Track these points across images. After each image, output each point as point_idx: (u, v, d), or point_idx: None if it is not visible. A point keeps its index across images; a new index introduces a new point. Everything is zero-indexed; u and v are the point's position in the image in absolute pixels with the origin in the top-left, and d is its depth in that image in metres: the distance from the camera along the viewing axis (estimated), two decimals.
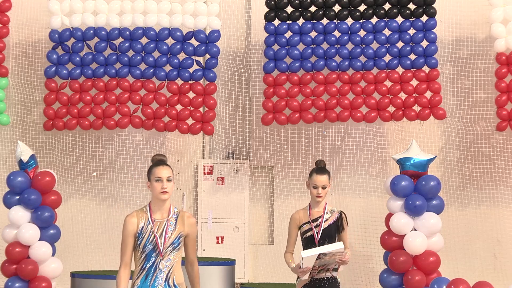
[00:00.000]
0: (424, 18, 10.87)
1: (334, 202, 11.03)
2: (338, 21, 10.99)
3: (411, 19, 10.90)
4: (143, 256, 5.85)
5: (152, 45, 11.04)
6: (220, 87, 11.47)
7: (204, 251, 11.41)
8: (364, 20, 10.97)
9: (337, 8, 10.98)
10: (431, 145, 11.24)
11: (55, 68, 11.12)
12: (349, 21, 10.99)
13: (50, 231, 9.24)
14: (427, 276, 8.82)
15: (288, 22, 11.03)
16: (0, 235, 9.39)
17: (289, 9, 11.02)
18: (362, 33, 10.96)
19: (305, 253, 6.79)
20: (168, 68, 11.08)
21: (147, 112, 11.05)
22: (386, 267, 9.06)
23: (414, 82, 10.94)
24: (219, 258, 10.67)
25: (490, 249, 11.22)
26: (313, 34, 11.02)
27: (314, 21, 11.01)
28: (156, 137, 11.48)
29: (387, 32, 10.95)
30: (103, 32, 11.06)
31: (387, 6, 10.95)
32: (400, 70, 10.95)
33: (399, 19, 10.95)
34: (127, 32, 11.06)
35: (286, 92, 11.02)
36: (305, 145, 11.43)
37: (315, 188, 7.24)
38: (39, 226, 9.15)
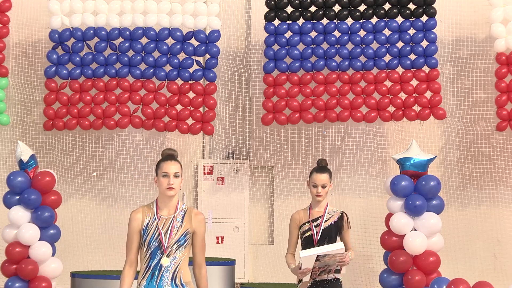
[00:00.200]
0: (424, 18, 10.86)
1: (334, 202, 11.01)
2: (338, 21, 10.99)
3: (411, 19, 10.90)
4: (148, 254, 5.68)
5: (152, 45, 11.04)
6: (220, 87, 11.47)
7: None
8: (364, 20, 10.97)
9: (337, 8, 10.97)
10: (431, 145, 11.23)
11: (55, 68, 11.12)
12: (349, 21, 10.98)
13: (50, 231, 9.24)
14: (427, 276, 8.81)
15: (288, 22, 11.03)
16: (0, 235, 9.39)
17: (289, 9, 11.01)
18: (362, 33, 10.96)
19: (304, 253, 6.76)
20: (168, 68, 11.08)
21: (147, 112, 11.05)
22: (386, 267, 9.05)
23: (414, 82, 10.93)
24: (219, 258, 10.66)
25: (490, 249, 11.21)
26: (313, 34, 11.01)
27: (314, 21, 11.01)
28: (156, 137, 11.48)
29: (387, 32, 10.95)
30: (103, 32, 11.06)
31: (387, 6, 10.95)
32: (400, 70, 10.95)
33: (399, 19, 10.94)
34: (127, 32, 11.06)
35: (286, 92, 11.02)
36: (305, 145, 11.42)
37: (315, 187, 7.15)
38: (39, 226, 9.14)
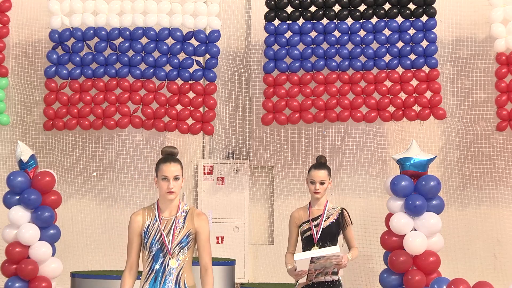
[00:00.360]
0: (424, 18, 10.86)
1: (334, 202, 10.96)
2: (338, 21, 10.98)
3: (411, 19, 10.89)
4: (151, 257, 5.59)
5: (152, 45, 11.04)
6: (220, 87, 11.47)
7: None
8: (364, 20, 10.97)
9: (337, 8, 10.97)
10: (431, 145, 11.23)
11: (55, 68, 11.12)
12: (349, 21, 10.98)
13: (50, 231, 9.24)
14: (427, 276, 8.81)
15: (288, 22, 11.03)
16: (0, 235, 9.39)
17: (289, 9, 11.01)
18: (362, 33, 10.96)
19: (298, 256, 6.69)
20: (168, 68, 11.07)
21: (147, 112, 11.05)
22: (386, 267, 9.05)
23: (414, 82, 10.93)
24: (219, 258, 10.66)
25: (490, 249, 11.21)
26: (313, 34, 11.01)
27: (314, 21, 11.00)
28: (156, 137, 11.48)
29: (387, 32, 10.95)
30: (103, 32, 11.05)
31: (387, 6, 10.94)
32: (400, 70, 10.94)
33: (399, 19, 10.94)
34: (127, 32, 11.06)
35: (286, 92, 11.02)
36: (305, 145, 11.42)
37: (313, 184, 7.05)
38: (39, 226, 9.14)
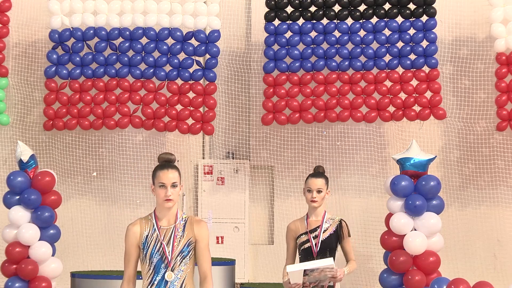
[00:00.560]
0: (424, 18, 10.85)
1: (334, 202, 11.02)
2: (338, 21, 10.98)
3: (411, 19, 10.89)
4: (151, 269, 5.38)
5: (152, 45, 11.04)
6: (220, 87, 11.46)
7: None
8: (364, 20, 10.97)
9: (337, 8, 10.97)
10: (431, 145, 11.23)
11: (55, 68, 11.11)
12: (349, 21, 10.98)
13: (50, 231, 9.23)
14: (427, 276, 8.80)
15: (288, 22, 11.03)
16: (0, 235, 9.39)
17: (289, 9, 11.01)
18: (362, 33, 10.95)
19: (290, 268, 6.56)
20: (168, 68, 11.07)
21: (147, 112, 11.04)
22: (386, 267, 9.04)
23: (414, 82, 10.93)
24: (219, 258, 10.66)
25: (490, 249, 11.21)
26: (313, 34, 11.01)
27: (314, 21, 11.00)
28: (156, 137, 11.48)
29: (387, 32, 10.94)
30: (103, 32, 11.05)
31: (387, 6, 10.94)
32: (400, 70, 10.94)
33: (399, 19, 10.94)
34: (127, 32, 11.05)
35: (286, 92, 11.01)
36: (305, 145, 11.42)
37: (310, 192, 6.97)
38: (39, 226, 9.13)
